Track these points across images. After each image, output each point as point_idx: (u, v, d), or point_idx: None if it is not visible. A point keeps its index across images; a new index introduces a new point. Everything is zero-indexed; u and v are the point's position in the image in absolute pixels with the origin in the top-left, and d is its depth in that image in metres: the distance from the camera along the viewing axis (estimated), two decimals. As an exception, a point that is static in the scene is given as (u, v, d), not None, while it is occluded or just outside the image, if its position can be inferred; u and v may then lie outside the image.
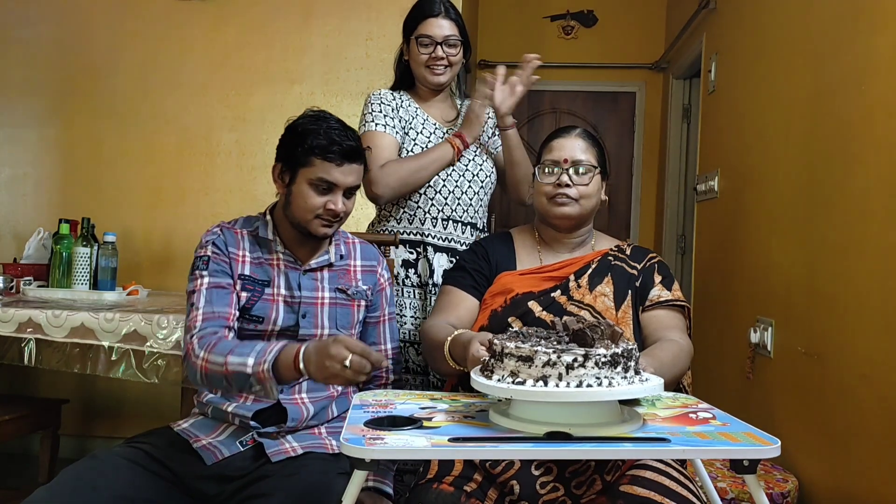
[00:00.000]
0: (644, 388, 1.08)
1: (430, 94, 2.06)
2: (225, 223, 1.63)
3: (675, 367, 1.43)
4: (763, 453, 1.02)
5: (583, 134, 1.64)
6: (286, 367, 1.34)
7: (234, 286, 1.55)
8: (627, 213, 4.68)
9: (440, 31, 1.95)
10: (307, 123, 1.54)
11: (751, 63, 2.76)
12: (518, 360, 1.08)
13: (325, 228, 1.55)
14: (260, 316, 1.55)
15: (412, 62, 2.01)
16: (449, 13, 1.97)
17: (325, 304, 1.60)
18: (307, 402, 1.56)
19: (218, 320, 1.49)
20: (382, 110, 1.99)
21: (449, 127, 2.05)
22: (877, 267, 1.76)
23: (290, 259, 1.60)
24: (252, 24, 3.25)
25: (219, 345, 1.42)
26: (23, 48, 3.29)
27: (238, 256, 1.57)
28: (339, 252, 1.66)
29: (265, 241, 1.60)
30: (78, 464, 1.40)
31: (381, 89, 2.06)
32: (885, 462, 1.69)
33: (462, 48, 2.00)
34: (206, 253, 1.56)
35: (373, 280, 1.68)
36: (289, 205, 1.56)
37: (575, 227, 1.64)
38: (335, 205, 1.52)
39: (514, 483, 1.33)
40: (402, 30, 2.04)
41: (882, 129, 1.76)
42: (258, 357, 1.35)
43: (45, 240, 2.82)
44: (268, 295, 1.56)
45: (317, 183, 1.51)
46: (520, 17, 4.63)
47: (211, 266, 1.54)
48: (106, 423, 3.25)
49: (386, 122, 1.97)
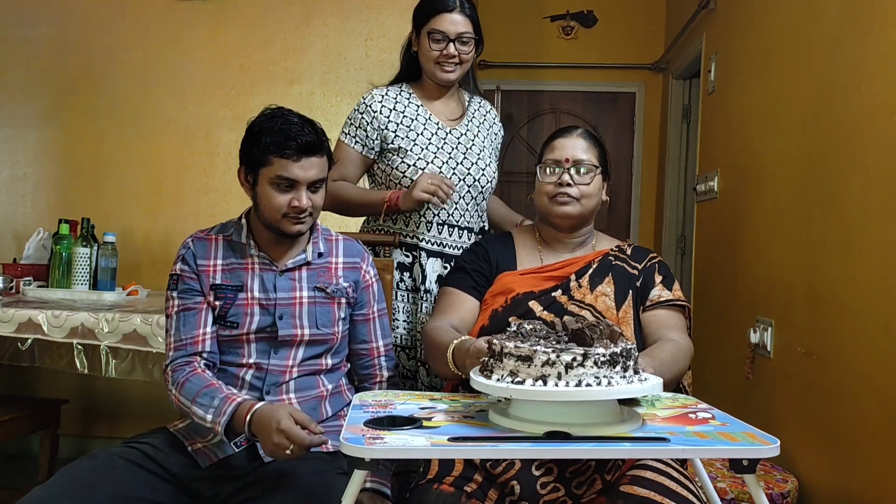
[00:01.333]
0: (643, 387, 1.08)
1: (437, 89, 1.98)
2: (200, 232, 1.63)
3: (675, 367, 1.43)
4: (762, 453, 1.02)
5: (584, 134, 1.65)
6: (238, 428, 1.40)
7: (204, 301, 1.56)
8: (627, 214, 4.67)
9: (454, 28, 1.86)
10: (263, 122, 1.51)
11: (751, 63, 2.76)
12: (517, 360, 1.08)
13: (296, 226, 1.53)
14: (234, 321, 1.55)
15: (421, 56, 1.93)
16: (464, 8, 1.88)
17: (303, 304, 1.58)
18: (295, 402, 1.55)
19: (189, 347, 1.53)
20: (361, 122, 1.92)
21: (452, 126, 1.98)
22: (877, 267, 1.76)
23: (266, 261, 1.58)
24: (252, 24, 3.25)
25: (186, 385, 1.47)
26: (23, 48, 3.29)
27: (208, 267, 1.57)
28: (318, 250, 1.63)
29: (238, 245, 1.59)
30: (75, 463, 1.40)
31: (376, 90, 1.97)
32: (884, 462, 1.69)
33: (475, 45, 1.92)
34: (175, 271, 1.58)
35: (355, 277, 1.65)
36: (257, 207, 1.55)
37: (576, 227, 1.64)
38: (299, 201, 1.49)
39: (514, 483, 1.33)
40: (413, 19, 1.95)
41: (882, 129, 1.76)
42: (214, 416, 1.41)
43: (44, 240, 2.82)
44: (241, 300, 1.55)
45: (277, 181, 1.49)
46: (519, 18, 4.62)
47: (180, 286, 1.57)
48: (105, 424, 3.25)
49: (357, 134, 1.93)
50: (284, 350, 1.56)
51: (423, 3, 1.92)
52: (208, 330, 1.55)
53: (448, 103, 2.00)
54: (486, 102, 2.12)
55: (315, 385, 1.59)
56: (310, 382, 1.59)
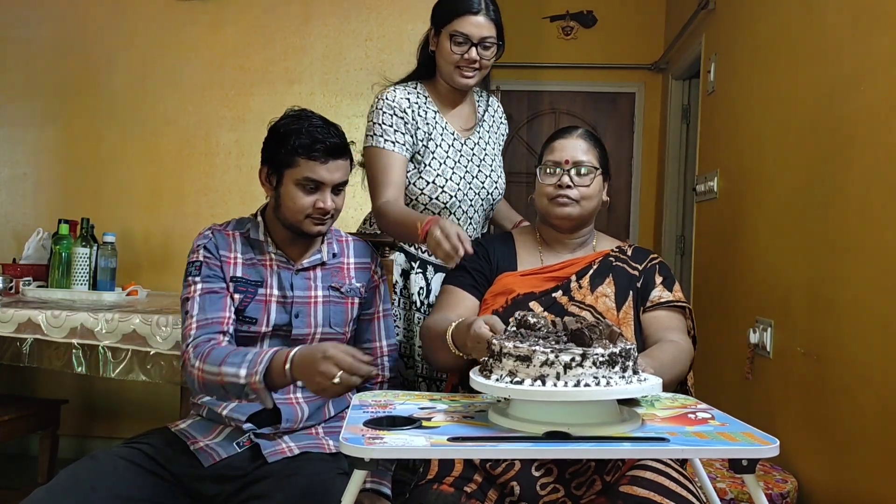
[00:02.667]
0: (642, 387, 1.08)
1: (452, 93, 1.90)
2: (216, 225, 1.63)
3: (675, 368, 1.43)
4: (762, 453, 1.02)
5: (584, 135, 1.64)
6: (278, 376, 1.36)
7: (227, 289, 1.55)
8: (627, 214, 4.68)
9: (478, 31, 1.78)
10: (289, 124, 1.53)
11: (750, 64, 2.76)
12: (516, 360, 1.08)
13: (318, 227, 1.55)
14: (253, 317, 1.55)
15: (440, 57, 1.84)
16: (489, 11, 1.79)
17: (318, 303, 1.60)
18: (302, 402, 1.56)
19: (212, 326, 1.50)
20: (394, 123, 1.80)
21: (467, 136, 1.92)
22: (876, 267, 1.76)
23: (283, 259, 1.59)
24: (252, 24, 3.25)
25: (213, 353, 1.42)
26: (22, 48, 3.29)
27: (230, 259, 1.57)
28: (332, 250, 1.65)
29: (257, 242, 1.60)
30: (77, 464, 1.40)
31: (396, 91, 1.85)
32: (884, 462, 1.69)
33: (496, 50, 1.83)
34: (197, 258, 1.56)
35: (366, 277, 1.68)
36: (279, 207, 1.56)
37: (576, 228, 1.64)
38: (324, 203, 1.51)
39: (514, 484, 1.33)
40: (432, 17, 1.86)
41: (882, 130, 1.76)
42: (250, 368, 1.36)
43: (44, 240, 2.82)
44: (260, 296, 1.56)
45: (303, 183, 1.51)
46: (519, 18, 4.62)
47: (203, 271, 1.55)
48: (105, 424, 3.25)
49: (396, 138, 1.80)
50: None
51: (447, 3, 1.82)
52: (232, 315, 1.53)
53: (462, 110, 1.94)
54: (493, 99, 2.08)
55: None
56: None
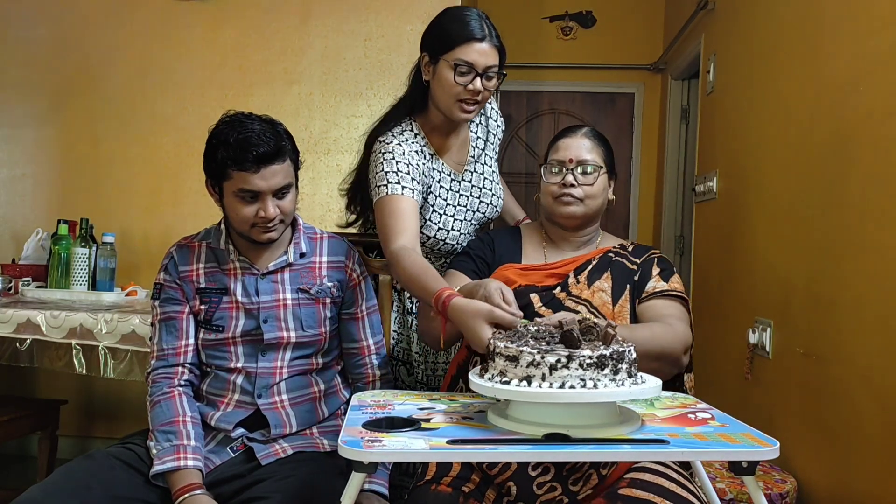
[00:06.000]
0: (630, 391, 1.06)
1: (447, 124, 1.75)
2: (184, 239, 1.63)
3: (653, 342, 1.39)
4: (762, 454, 1.02)
5: (589, 133, 1.64)
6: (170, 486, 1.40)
7: (184, 312, 1.56)
8: (626, 214, 4.67)
9: (483, 60, 1.62)
10: (219, 133, 1.47)
11: (749, 64, 2.76)
12: (506, 360, 1.09)
13: (266, 234, 1.50)
14: (220, 325, 1.54)
15: (438, 88, 1.67)
16: (492, 38, 1.64)
17: (287, 306, 1.56)
18: (287, 405, 1.55)
19: (170, 358, 1.54)
20: (410, 172, 1.66)
21: (462, 171, 1.82)
22: (875, 268, 1.76)
23: (247, 265, 1.57)
24: (250, 24, 3.25)
25: (155, 409, 1.49)
26: (21, 48, 3.29)
27: (191, 272, 1.57)
28: (300, 250, 1.60)
29: (220, 251, 1.58)
30: (72, 463, 1.40)
31: (402, 146, 1.68)
32: (883, 462, 1.69)
33: (497, 80, 1.68)
34: (159, 280, 1.59)
35: (340, 276, 1.63)
36: (227, 218, 1.54)
37: (581, 227, 1.64)
38: (265, 212, 1.46)
39: (510, 484, 1.33)
40: (428, 44, 1.68)
41: (881, 130, 1.76)
42: (159, 455, 1.42)
43: (43, 240, 2.82)
44: (225, 303, 1.55)
45: (241, 194, 1.46)
46: (518, 18, 4.62)
47: (162, 295, 1.57)
48: (104, 424, 3.25)
49: (412, 185, 1.65)
50: (271, 353, 1.55)
51: (446, 29, 1.65)
52: (190, 341, 1.56)
53: (456, 140, 1.81)
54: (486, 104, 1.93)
55: (307, 385, 1.59)
56: (302, 382, 1.58)
